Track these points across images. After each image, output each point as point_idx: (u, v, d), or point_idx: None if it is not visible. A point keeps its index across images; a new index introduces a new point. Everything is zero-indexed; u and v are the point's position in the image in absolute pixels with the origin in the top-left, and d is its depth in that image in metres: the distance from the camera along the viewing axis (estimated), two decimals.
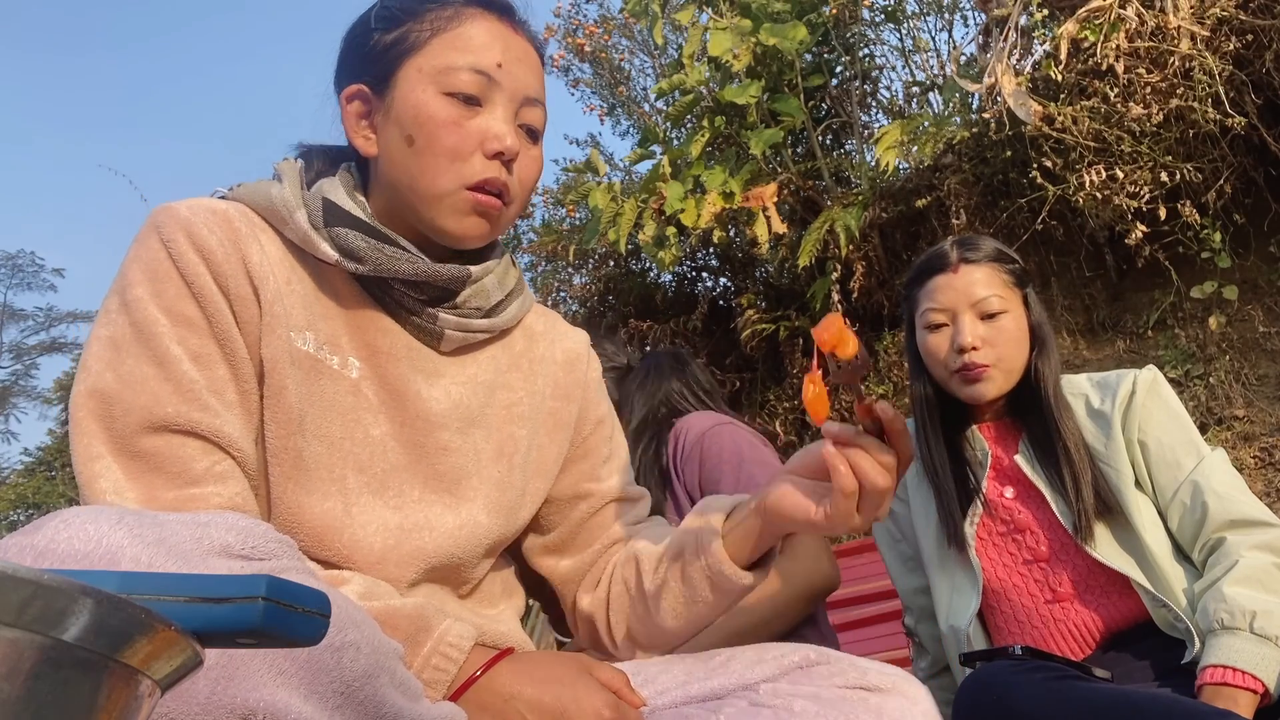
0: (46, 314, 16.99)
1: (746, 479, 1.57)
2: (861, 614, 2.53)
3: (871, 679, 0.88)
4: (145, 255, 0.86)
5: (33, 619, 0.31)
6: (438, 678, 0.81)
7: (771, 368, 4.91)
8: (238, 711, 0.56)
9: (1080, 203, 3.45)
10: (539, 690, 0.82)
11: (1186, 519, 1.33)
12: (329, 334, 0.93)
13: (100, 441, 0.80)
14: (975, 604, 1.40)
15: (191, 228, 0.86)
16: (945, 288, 1.44)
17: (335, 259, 0.92)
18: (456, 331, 0.98)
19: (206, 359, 0.85)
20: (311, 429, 0.89)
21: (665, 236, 4.44)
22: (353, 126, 0.97)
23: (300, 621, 0.39)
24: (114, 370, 0.82)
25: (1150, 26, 3.19)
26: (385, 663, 0.67)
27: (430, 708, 0.72)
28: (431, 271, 0.93)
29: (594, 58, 6.49)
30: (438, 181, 0.92)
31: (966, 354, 1.40)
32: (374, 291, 0.96)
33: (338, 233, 0.92)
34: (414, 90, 0.93)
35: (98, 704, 0.33)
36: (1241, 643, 1.17)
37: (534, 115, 0.98)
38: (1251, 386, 3.42)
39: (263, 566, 0.63)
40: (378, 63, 0.95)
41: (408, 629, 0.82)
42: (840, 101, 4.87)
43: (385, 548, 0.90)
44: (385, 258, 0.92)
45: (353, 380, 0.93)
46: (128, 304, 0.85)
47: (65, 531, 0.56)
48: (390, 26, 0.96)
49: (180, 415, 0.81)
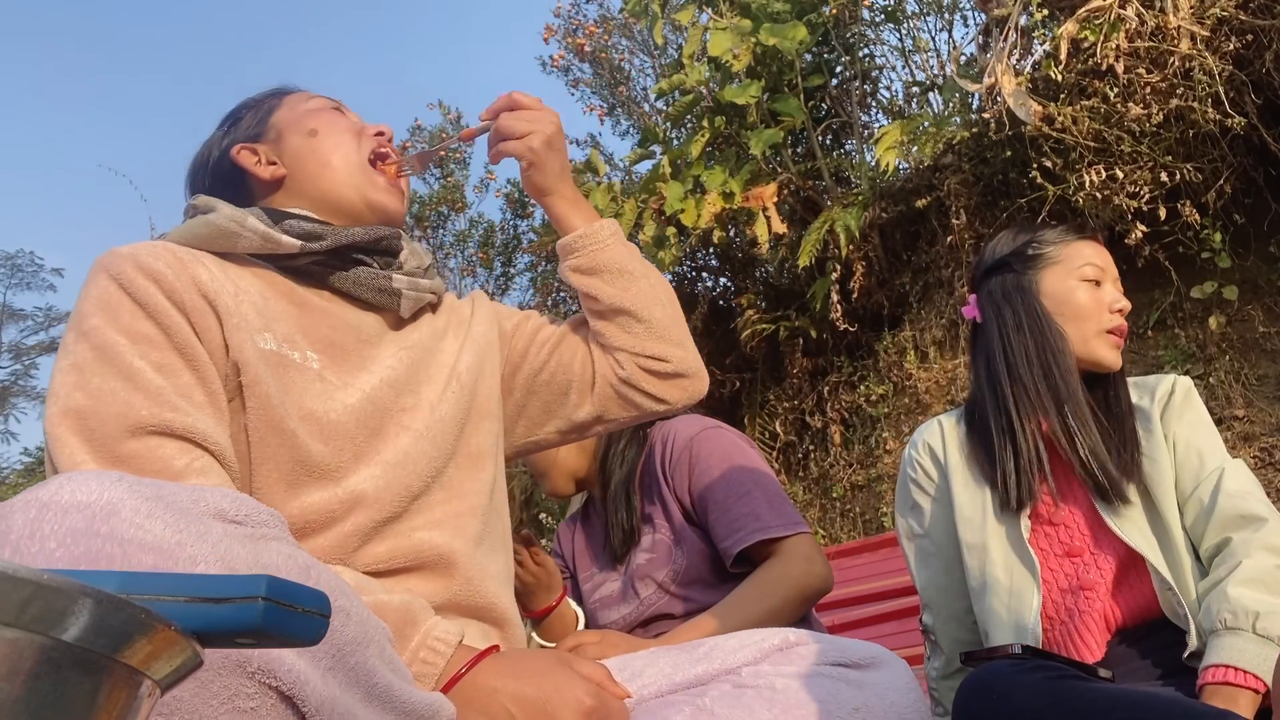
0: (46, 314, 16.98)
1: (737, 483, 1.57)
2: (862, 614, 2.53)
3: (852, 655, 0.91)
4: (96, 292, 0.92)
5: (33, 619, 0.31)
6: (425, 671, 0.83)
7: (771, 368, 4.91)
8: (233, 657, 0.58)
9: (1080, 203, 3.45)
10: (521, 684, 0.84)
11: (1200, 516, 1.34)
12: (285, 333, 1.01)
13: (83, 452, 0.83)
14: (1038, 599, 1.37)
15: (138, 258, 0.93)
16: (1098, 252, 1.50)
17: (299, 245, 1.03)
18: (410, 291, 1.11)
19: (170, 368, 0.89)
20: (295, 412, 0.96)
21: (665, 236, 4.45)
22: (253, 167, 1.12)
23: (300, 621, 0.39)
24: (82, 389, 0.86)
25: (1150, 26, 3.19)
26: (375, 635, 0.69)
27: (419, 691, 0.73)
28: (376, 230, 1.09)
29: (594, 58, 6.49)
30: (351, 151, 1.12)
31: (1122, 314, 1.46)
32: (318, 284, 1.07)
33: (290, 224, 1.04)
34: (293, 110, 1.16)
35: (98, 704, 0.33)
36: (1244, 643, 1.17)
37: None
38: (1251, 386, 3.43)
39: (254, 532, 0.64)
40: (247, 128, 1.16)
41: (395, 623, 0.84)
42: (840, 101, 4.87)
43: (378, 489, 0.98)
44: (338, 233, 1.06)
45: (316, 370, 1.01)
46: (85, 333, 0.89)
47: (69, 485, 0.59)
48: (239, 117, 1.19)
49: (154, 417, 0.85)
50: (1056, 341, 1.44)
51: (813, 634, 0.94)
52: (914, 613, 1.77)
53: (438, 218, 7.37)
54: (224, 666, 0.58)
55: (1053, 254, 1.49)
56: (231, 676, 0.58)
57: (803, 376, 4.67)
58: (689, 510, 1.62)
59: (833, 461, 4.47)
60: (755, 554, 1.54)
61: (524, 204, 7.34)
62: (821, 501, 4.46)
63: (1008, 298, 1.49)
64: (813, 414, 4.62)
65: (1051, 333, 1.44)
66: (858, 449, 4.42)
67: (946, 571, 1.52)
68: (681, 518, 1.62)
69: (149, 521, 0.58)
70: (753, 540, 1.51)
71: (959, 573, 1.49)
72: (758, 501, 1.55)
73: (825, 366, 4.65)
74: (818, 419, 4.60)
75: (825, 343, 4.58)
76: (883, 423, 4.33)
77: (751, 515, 1.53)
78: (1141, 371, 3.63)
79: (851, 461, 4.42)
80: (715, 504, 1.57)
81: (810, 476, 4.56)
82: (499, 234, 7.35)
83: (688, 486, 1.61)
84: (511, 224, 7.41)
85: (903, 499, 1.60)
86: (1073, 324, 1.45)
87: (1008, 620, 1.40)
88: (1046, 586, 1.39)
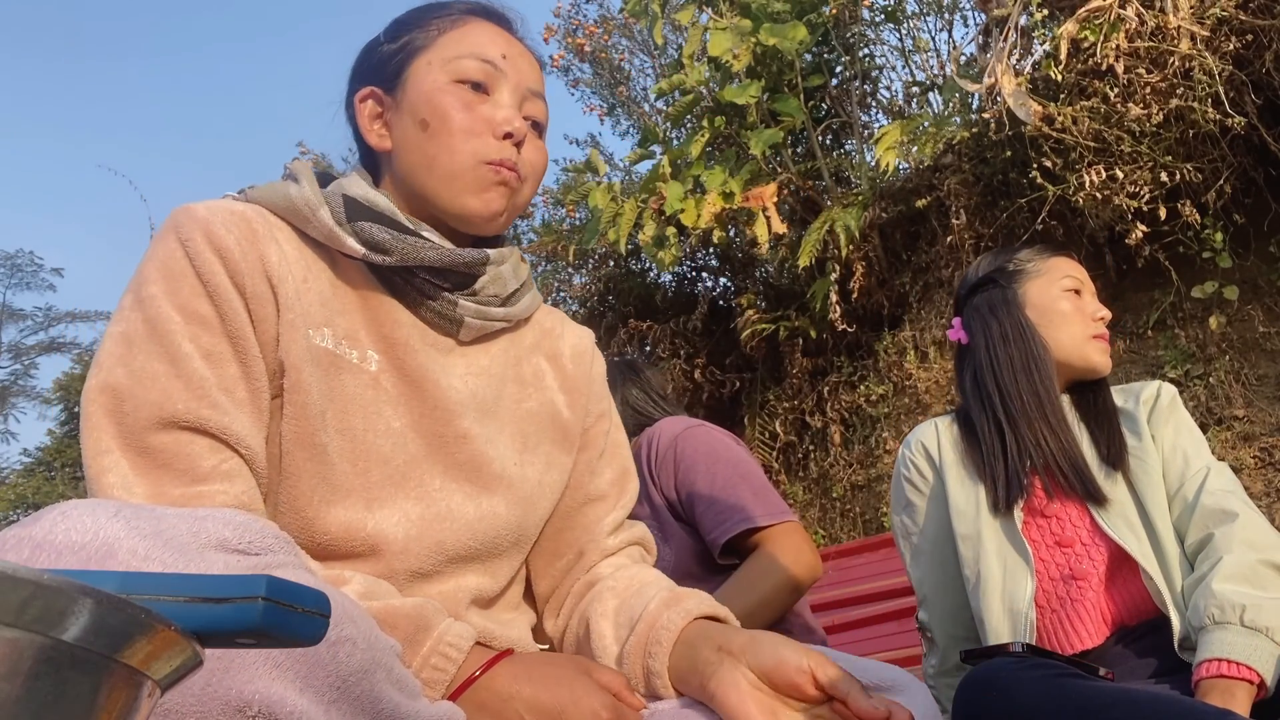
0: (45, 314, 16.97)
1: (723, 479, 1.59)
2: (862, 614, 2.53)
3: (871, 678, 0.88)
4: (162, 254, 0.87)
5: (33, 619, 0.30)
6: (437, 677, 0.81)
7: (771, 368, 4.91)
8: (233, 704, 0.56)
9: (1080, 203, 3.44)
10: (537, 690, 0.82)
11: (1184, 512, 1.38)
12: (347, 328, 0.94)
13: (110, 436, 0.81)
14: (1031, 586, 1.41)
15: (209, 227, 0.87)
16: (1076, 265, 1.58)
17: (362, 253, 0.94)
18: (476, 319, 1.00)
19: (218, 357, 0.85)
20: (334, 424, 0.90)
21: (665, 236, 4.44)
22: (366, 126, 1.01)
23: (300, 621, 0.39)
24: (125, 366, 0.83)
25: (1150, 26, 3.19)
26: (382, 659, 0.67)
27: (428, 706, 0.72)
28: (455, 256, 0.96)
29: (594, 58, 6.49)
30: (455, 159, 0.95)
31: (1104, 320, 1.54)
32: (391, 283, 0.97)
33: (361, 227, 0.94)
34: (425, 80, 0.98)
35: (98, 704, 0.33)
36: (1234, 636, 1.19)
37: (538, 108, 1.02)
38: (1251, 386, 3.42)
39: (258, 561, 0.63)
40: (387, 65, 1.00)
41: (407, 628, 0.82)
42: (840, 101, 4.87)
43: (408, 538, 0.91)
44: (409, 247, 0.94)
45: (372, 373, 0.94)
46: (142, 301, 0.86)
47: (63, 523, 0.57)
48: (398, 36, 1.01)
49: (190, 412, 0.82)
50: (1040, 352, 1.51)
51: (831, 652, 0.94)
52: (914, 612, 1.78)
53: None
54: (224, 712, 0.56)
55: (1033, 268, 1.56)
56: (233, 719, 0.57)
57: (803, 376, 4.67)
58: (675, 507, 1.63)
59: (833, 461, 4.47)
60: (743, 545, 1.56)
61: None
62: (821, 501, 4.46)
63: (994, 310, 1.55)
64: (813, 414, 4.62)
65: (1036, 344, 1.51)
66: (858, 449, 4.42)
67: (941, 568, 1.54)
68: (669, 514, 1.63)
69: (145, 564, 0.56)
70: (738, 530, 1.53)
71: (954, 569, 1.51)
72: (743, 493, 1.57)
73: (825, 366, 4.65)
74: (818, 419, 4.60)
75: (825, 343, 4.58)
76: (883, 423, 4.33)
77: (737, 506, 1.55)
78: (1142, 371, 3.63)
79: (851, 461, 4.42)
80: (701, 498, 1.58)
81: (810, 476, 4.56)
82: None
83: (674, 484, 1.63)
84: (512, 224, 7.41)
85: (898, 498, 1.63)
86: (1061, 331, 1.52)
87: (1001, 608, 1.42)
88: (1039, 576, 1.42)
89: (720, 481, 1.59)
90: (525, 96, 1.00)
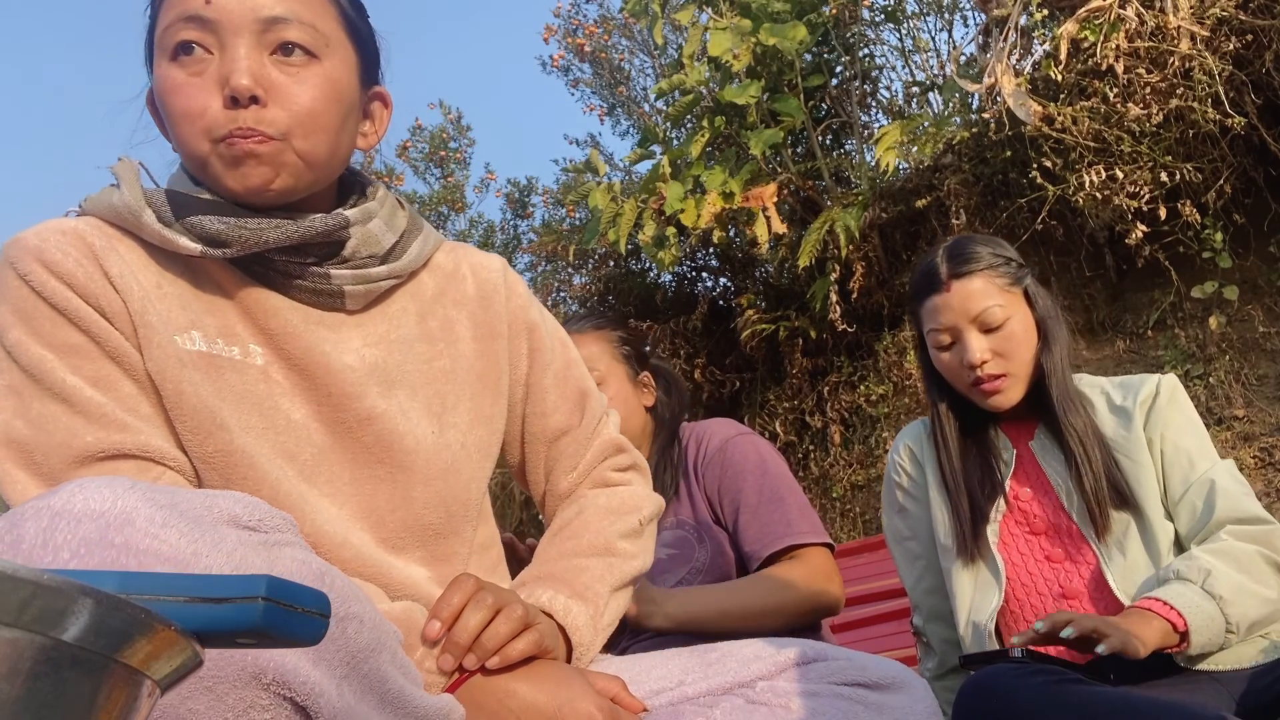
0: None
1: (771, 489, 1.59)
2: (862, 614, 2.53)
3: (871, 675, 0.87)
4: (9, 295, 0.82)
5: (33, 619, 0.30)
6: (432, 679, 0.81)
7: (771, 368, 4.91)
8: (249, 670, 0.57)
9: (1080, 203, 3.45)
10: (534, 690, 0.82)
11: (1193, 518, 1.34)
12: (219, 326, 0.88)
13: (33, 486, 0.78)
14: (997, 601, 1.40)
15: (44, 255, 0.82)
16: (943, 308, 1.41)
17: (199, 250, 0.86)
18: (356, 286, 0.92)
19: (106, 380, 0.82)
20: (234, 424, 0.85)
21: (665, 236, 4.45)
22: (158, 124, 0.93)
23: (300, 621, 0.39)
24: (22, 417, 0.80)
25: (1150, 26, 3.19)
26: (387, 640, 0.68)
27: (430, 696, 0.72)
28: (303, 229, 0.87)
29: (594, 58, 6.49)
30: (192, 146, 0.85)
31: (978, 369, 1.39)
32: (253, 271, 0.90)
33: (192, 222, 0.85)
34: (157, 68, 0.88)
35: (98, 704, 0.33)
36: (1188, 590, 1.20)
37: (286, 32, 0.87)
38: (1251, 386, 3.43)
39: (267, 539, 0.63)
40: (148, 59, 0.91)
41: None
42: (840, 101, 4.87)
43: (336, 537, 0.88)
44: (249, 232, 0.85)
45: (260, 367, 0.89)
46: (10, 349, 0.82)
47: (80, 494, 0.57)
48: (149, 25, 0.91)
49: (100, 442, 0.79)
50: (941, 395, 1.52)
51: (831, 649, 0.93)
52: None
53: (438, 218, 7.38)
54: (239, 679, 0.56)
55: (920, 316, 1.49)
56: (247, 689, 0.57)
57: (803, 376, 4.67)
58: (715, 509, 1.64)
59: (833, 461, 4.47)
60: (777, 559, 1.56)
61: (524, 204, 7.35)
62: (821, 501, 4.46)
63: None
64: (813, 414, 4.62)
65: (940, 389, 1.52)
66: (857, 449, 4.42)
67: (931, 572, 1.53)
68: (708, 516, 1.63)
69: (164, 531, 0.56)
70: (784, 544, 1.54)
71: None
72: (790, 508, 1.58)
73: (825, 366, 4.65)
74: (818, 419, 4.60)
75: (825, 343, 4.58)
76: (883, 423, 4.33)
77: (784, 520, 1.56)
78: (1142, 371, 3.63)
79: (851, 461, 4.43)
80: (747, 506, 1.58)
81: (810, 476, 4.56)
82: (499, 234, 7.36)
83: (718, 488, 1.63)
84: (512, 224, 7.43)
85: (889, 501, 1.62)
86: (949, 378, 1.47)
87: (965, 620, 1.43)
88: (1026, 591, 1.40)
89: (769, 494, 1.59)
90: (258, 29, 0.85)
